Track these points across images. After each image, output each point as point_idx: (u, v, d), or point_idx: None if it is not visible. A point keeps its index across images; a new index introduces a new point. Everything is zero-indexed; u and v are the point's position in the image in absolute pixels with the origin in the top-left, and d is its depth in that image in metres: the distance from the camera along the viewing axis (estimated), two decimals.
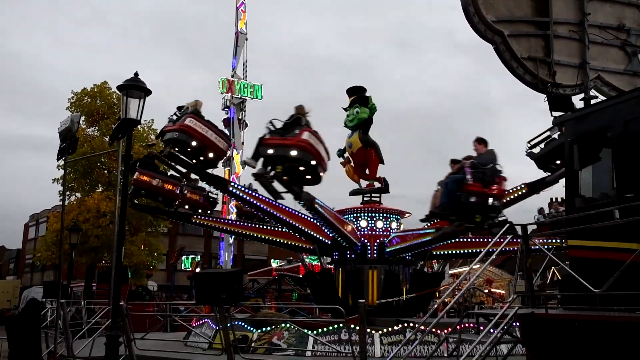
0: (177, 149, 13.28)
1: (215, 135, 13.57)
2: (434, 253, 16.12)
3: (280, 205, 14.83)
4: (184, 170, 14.41)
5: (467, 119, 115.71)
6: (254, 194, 15.01)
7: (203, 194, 15.87)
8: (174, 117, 13.65)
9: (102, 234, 25.15)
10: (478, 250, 15.10)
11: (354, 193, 16.76)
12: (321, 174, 12.52)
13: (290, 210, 15.07)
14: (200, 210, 15.92)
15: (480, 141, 10.63)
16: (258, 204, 14.77)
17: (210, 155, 13.58)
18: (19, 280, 51.70)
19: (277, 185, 12.43)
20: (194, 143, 13.04)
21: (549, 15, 10.12)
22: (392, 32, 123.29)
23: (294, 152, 11.59)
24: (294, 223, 15.09)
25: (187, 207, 15.67)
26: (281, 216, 14.93)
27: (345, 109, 16.12)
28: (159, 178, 14.76)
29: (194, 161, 13.76)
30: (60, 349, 11.85)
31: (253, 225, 16.73)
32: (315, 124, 12.53)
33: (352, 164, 16.47)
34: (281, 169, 11.68)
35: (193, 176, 15.05)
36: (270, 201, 14.64)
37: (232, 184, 15.01)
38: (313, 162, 11.88)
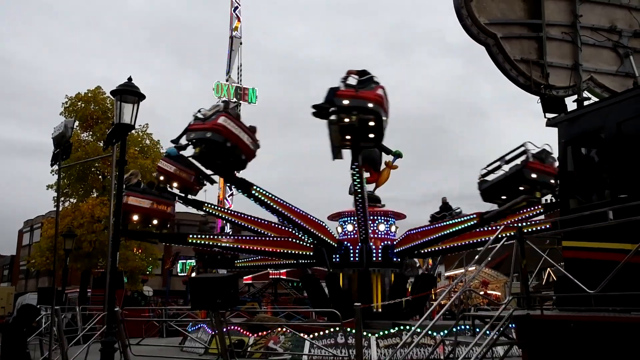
0: (205, 149, 12.92)
1: (247, 137, 13.31)
2: (423, 251, 16.24)
3: (294, 208, 15.29)
4: (208, 172, 14.16)
5: (458, 121, 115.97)
6: (275, 198, 15.20)
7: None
8: (200, 115, 13.18)
9: (97, 240, 25.06)
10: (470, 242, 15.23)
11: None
12: (242, 157, 12.96)
13: (302, 212, 15.41)
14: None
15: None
16: (276, 207, 15.04)
17: (243, 157, 13.32)
18: (13, 287, 51.39)
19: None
20: (228, 144, 12.71)
21: (542, 17, 10.17)
22: (383, 35, 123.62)
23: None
24: (302, 224, 15.37)
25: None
26: (294, 218, 15.29)
27: None
28: (150, 199, 14.28)
29: (221, 162, 13.53)
30: (55, 355, 11.77)
31: (249, 238, 16.91)
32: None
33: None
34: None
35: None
36: (287, 204, 15.15)
37: (255, 187, 14.74)
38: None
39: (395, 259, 15.87)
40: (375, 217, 16.19)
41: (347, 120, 11.30)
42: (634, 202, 6.15)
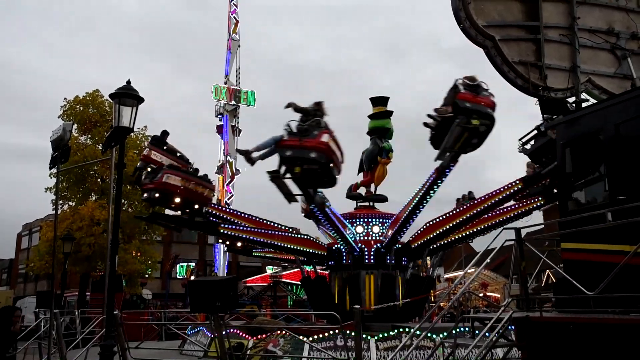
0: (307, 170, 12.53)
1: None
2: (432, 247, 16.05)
3: (273, 232, 15.19)
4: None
5: None
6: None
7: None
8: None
9: (96, 243, 25.01)
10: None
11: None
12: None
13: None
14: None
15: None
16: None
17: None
18: (12, 290, 51.23)
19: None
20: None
21: (539, 19, 10.20)
22: (380, 39, 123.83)
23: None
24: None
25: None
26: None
27: (369, 117, 17.10)
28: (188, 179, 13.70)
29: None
30: (54, 359, 11.75)
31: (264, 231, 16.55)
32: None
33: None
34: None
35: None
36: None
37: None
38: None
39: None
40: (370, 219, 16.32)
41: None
42: (632, 203, 6.16)
